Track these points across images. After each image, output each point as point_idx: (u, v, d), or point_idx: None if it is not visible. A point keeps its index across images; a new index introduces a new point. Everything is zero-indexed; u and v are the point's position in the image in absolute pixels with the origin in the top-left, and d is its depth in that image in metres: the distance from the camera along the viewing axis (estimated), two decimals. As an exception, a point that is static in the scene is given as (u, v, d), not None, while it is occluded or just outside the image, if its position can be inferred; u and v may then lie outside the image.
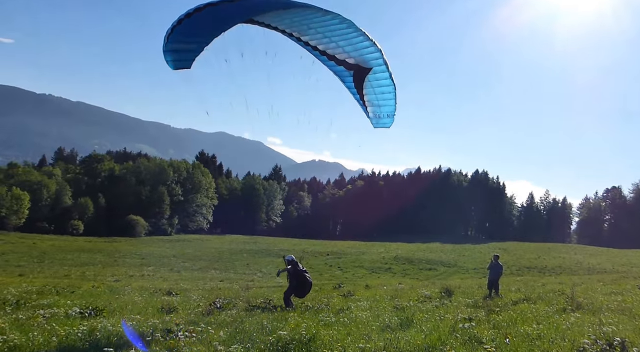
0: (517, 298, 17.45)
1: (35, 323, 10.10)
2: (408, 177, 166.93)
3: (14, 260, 56.39)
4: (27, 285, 23.65)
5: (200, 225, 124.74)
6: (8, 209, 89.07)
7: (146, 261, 62.59)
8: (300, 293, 14.44)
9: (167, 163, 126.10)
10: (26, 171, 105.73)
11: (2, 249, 65.76)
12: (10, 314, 11.50)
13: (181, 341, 8.52)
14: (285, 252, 76.95)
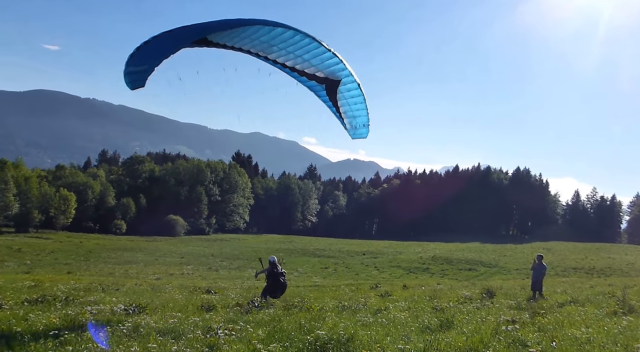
0: (563, 300, 16.86)
1: (83, 319, 10.44)
2: (445, 175, 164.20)
3: (62, 258, 58.72)
4: (75, 282, 24.52)
5: (237, 224, 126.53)
6: (56, 209, 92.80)
7: (185, 259, 63.96)
8: (273, 294, 15.05)
9: (205, 164, 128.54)
10: (72, 173, 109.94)
11: (52, 248, 68.57)
12: (60, 310, 11.94)
13: (221, 339, 8.63)
14: (320, 252, 77.37)
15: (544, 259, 20.04)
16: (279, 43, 9.57)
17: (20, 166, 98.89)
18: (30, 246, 70.54)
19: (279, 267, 15.26)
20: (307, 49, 9.70)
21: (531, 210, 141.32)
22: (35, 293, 15.89)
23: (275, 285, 15.08)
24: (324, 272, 55.40)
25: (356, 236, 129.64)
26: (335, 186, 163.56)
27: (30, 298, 13.78)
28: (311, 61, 9.85)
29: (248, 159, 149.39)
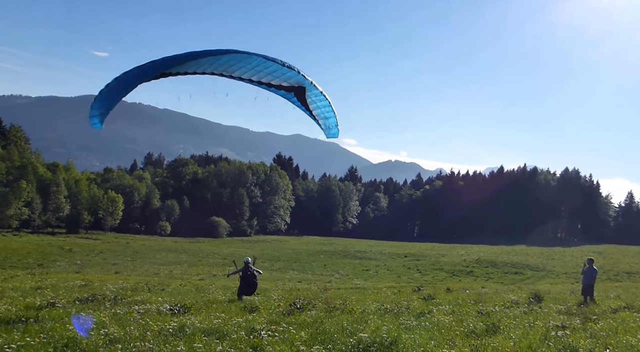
0: (616, 306, 16.09)
1: (131, 318, 10.76)
2: (490, 176, 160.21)
3: (110, 258, 60.94)
4: (123, 282, 25.36)
5: (278, 226, 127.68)
6: (105, 210, 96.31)
7: (228, 261, 65.01)
8: (247, 292, 16.49)
9: (246, 166, 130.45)
10: (120, 175, 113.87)
11: (100, 248, 71.30)
12: (109, 308, 12.36)
13: (264, 340, 8.68)
14: (362, 254, 76.95)
15: (595, 262, 19.18)
16: (242, 65, 10.79)
17: (71, 169, 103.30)
18: (80, 246, 73.57)
19: (251, 268, 16.50)
20: (265, 66, 10.83)
21: (581, 212, 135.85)
22: (86, 292, 16.53)
23: (248, 285, 16.41)
24: (365, 274, 55.11)
25: (397, 238, 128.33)
26: (376, 188, 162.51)
27: (81, 297, 14.34)
28: (273, 75, 11.00)
29: (289, 160, 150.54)
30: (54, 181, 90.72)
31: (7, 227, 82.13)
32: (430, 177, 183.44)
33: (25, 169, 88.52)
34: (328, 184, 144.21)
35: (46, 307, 12.25)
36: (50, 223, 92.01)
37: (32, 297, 14.48)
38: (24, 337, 8.12)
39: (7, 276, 29.63)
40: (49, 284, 20.85)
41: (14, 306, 12.29)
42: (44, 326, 9.27)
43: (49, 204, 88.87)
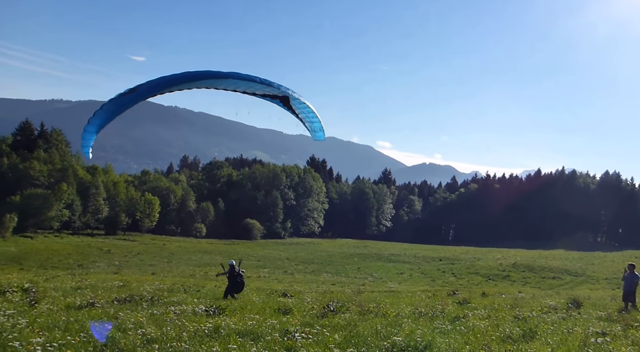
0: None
1: (167, 318, 10.95)
2: (527, 179, 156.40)
3: (147, 259, 62.44)
4: (159, 283, 25.89)
5: (311, 229, 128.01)
6: (142, 212, 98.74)
7: (262, 263, 65.63)
8: (234, 292, 17.78)
9: (280, 168, 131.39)
10: (156, 178, 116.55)
11: (138, 249, 73.15)
12: (147, 309, 12.62)
13: (298, 342, 8.69)
14: (396, 257, 76.29)
15: (637, 268, 18.41)
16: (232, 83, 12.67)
17: (110, 172, 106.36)
18: (119, 247, 75.67)
19: (237, 269, 17.88)
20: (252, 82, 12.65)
21: (622, 216, 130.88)
22: (124, 293, 16.95)
23: (234, 284, 17.82)
24: (399, 277, 54.61)
25: (432, 242, 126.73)
26: (411, 191, 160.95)
27: (119, 297, 14.71)
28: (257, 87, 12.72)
29: (322, 163, 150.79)
30: (93, 183, 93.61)
31: (48, 229, 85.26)
32: (466, 180, 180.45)
33: (66, 172, 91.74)
34: (362, 187, 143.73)
35: (86, 307, 12.61)
36: (90, 225, 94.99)
37: (73, 297, 14.94)
38: (64, 336, 8.37)
39: (49, 276, 30.72)
40: (89, 285, 21.50)
41: (56, 306, 12.71)
42: (84, 325, 9.55)
43: (88, 206, 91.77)
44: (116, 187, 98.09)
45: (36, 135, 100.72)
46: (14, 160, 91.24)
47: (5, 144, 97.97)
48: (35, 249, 66.03)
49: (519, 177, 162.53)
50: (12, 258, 55.48)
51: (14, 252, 60.02)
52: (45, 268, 48.06)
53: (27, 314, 10.84)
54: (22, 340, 7.77)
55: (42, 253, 61.62)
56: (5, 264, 50.01)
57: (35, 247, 67.84)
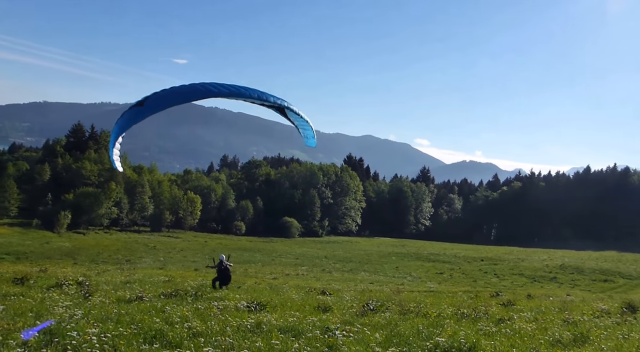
0: None
1: (211, 313, 11.21)
2: (574, 177, 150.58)
3: (190, 256, 64.02)
4: (202, 279, 26.51)
5: (349, 227, 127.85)
6: (184, 210, 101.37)
7: (300, 261, 66.11)
8: (222, 283, 19.35)
9: (317, 167, 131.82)
10: (198, 177, 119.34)
11: (181, 246, 75.12)
12: (191, 304, 12.95)
13: (339, 340, 8.70)
14: (435, 257, 75.24)
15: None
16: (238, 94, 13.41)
17: (154, 171, 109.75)
18: (163, 244, 77.94)
19: (224, 263, 19.41)
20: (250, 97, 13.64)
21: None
22: (170, 287, 17.46)
23: (223, 276, 19.43)
24: (439, 277, 53.84)
25: (473, 241, 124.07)
26: (450, 189, 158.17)
27: (165, 292, 15.15)
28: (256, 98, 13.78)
29: (359, 161, 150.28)
30: (140, 182, 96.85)
31: (99, 225, 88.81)
32: (508, 178, 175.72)
33: (114, 172, 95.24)
34: (399, 185, 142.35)
35: (135, 300, 13.06)
36: (136, 222, 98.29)
37: (123, 291, 15.51)
38: (117, 327, 8.71)
39: (100, 271, 32.00)
40: (137, 279, 22.24)
41: (107, 299, 13.23)
42: (134, 317, 9.90)
43: (135, 204, 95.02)
44: (160, 186, 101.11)
45: (87, 136, 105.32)
46: (68, 160, 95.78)
47: (59, 146, 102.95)
48: (87, 244, 68.89)
49: (566, 175, 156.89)
50: (66, 253, 58.10)
51: (68, 248, 62.84)
52: (97, 263, 50.08)
53: (82, 306, 11.34)
54: (79, 330, 8.14)
55: (93, 248, 64.22)
56: (60, 258, 52.48)
57: (87, 242, 70.78)
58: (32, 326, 8.49)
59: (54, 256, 54.02)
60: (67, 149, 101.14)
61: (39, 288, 15.19)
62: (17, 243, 61.42)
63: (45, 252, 56.66)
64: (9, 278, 17.62)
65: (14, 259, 48.63)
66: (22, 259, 49.53)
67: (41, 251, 57.78)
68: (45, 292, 14.19)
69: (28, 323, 8.71)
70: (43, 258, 50.84)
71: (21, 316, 9.61)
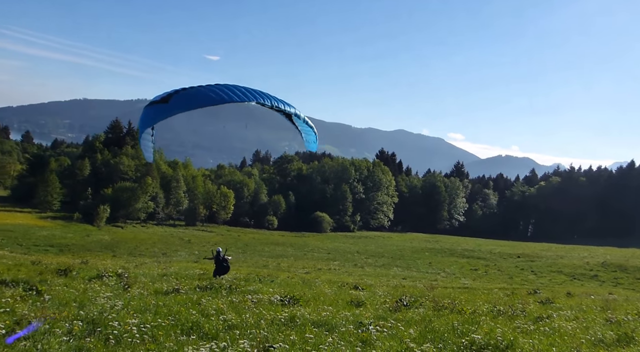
0: None
1: (245, 306, 11.36)
2: (617, 172, 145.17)
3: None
4: (236, 272, 26.89)
5: (381, 222, 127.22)
6: (218, 205, 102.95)
7: (332, 255, 66.23)
8: (219, 274, 20.45)
9: (349, 162, 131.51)
10: (231, 172, 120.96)
11: (215, 240, 76.35)
12: (226, 297, 13.15)
13: (373, 335, 8.68)
14: (469, 253, 74.10)
15: None
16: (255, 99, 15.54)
17: (189, 166, 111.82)
18: (198, 237, 79.45)
19: (221, 255, 20.83)
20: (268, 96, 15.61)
21: None
22: (204, 280, 17.78)
23: (220, 268, 20.67)
24: (474, 274, 52.98)
25: (509, 237, 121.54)
26: (485, 184, 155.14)
27: (200, 285, 15.44)
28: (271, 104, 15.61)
29: (392, 156, 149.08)
30: (175, 177, 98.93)
31: (136, 219, 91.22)
32: (546, 172, 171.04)
33: (150, 166, 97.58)
34: (432, 180, 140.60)
35: (172, 292, 13.36)
36: (172, 216, 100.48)
37: (160, 283, 15.89)
38: (155, 318, 8.93)
39: (138, 263, 32.88)
40: (173, 272, 22.75)
41: (146, 290, 13.59)
42: (171, 309, 10.13)
43: (170, 198, 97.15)
44: (195, 180, 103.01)
45: (125, 133, 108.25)
46: (106, 156, 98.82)
47: (98, 142, 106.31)
48: (125, 237, 70.92)
49: (608, 170, 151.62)
50: (105, 246, 59.97)
51: (108, 241, 64.86)
52: (134, 255, 51.50)
53: (122, 297, 11.69)
54: (120, 320, 8.41)
55: (131, 242, 66.06)
56: (100, 251, 54.24)
57: (125, 236, 72.85)
58: (76, 316, 8.81)
59: (94, 249, 55.86)
60: (105, 144, 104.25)
61: (81, 279, 15.74)
62: (60, 236, 63.75)
63: (86, 245, 58.62)
64: (53, 269, 18.32)
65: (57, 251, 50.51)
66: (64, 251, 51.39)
67: (82, 243, 59.80)
68: (87, 283, 14.69)
69: (72, 313, 9.04)
70: (84, 250, 52.62)
71: (65, 305, 9.98)
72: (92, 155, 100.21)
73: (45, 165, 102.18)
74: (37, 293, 11.25)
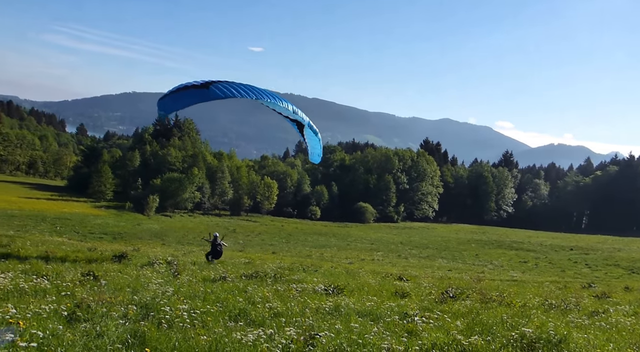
0: None
1: (290, 295, 11.49)
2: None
3: (268, 239, 66.03)
4: (280, 262, 27.24)
5: (425, 213, 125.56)
6: (262, 195, 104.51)
7: (375, 246, 65.97)
8: (213, 257, 21.68)
9: (392, 152, 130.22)
10: (274, 163, 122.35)
11: (259, 230, 77.63)
12: (271, 285, 13.35)
13: (419, 326, 8.58)
14: (518, 245, 72.17)
15: None
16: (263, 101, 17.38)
17: (233, 157, 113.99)
18: (242, 227, 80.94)
19: (218, 240, 21.96)
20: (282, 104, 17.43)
21: None
22: (250, 269, 18.10)
23: (214, 252, 21.75)
24: (523, 266, 51.51)
25: (561, 229, 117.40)
26: (536, 174, 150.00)
27: (246, 273, 15.73)
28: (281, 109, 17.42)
29: (437, 146, 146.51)
30: (220, 167, 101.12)
31: (183, 209, 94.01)
32: (603, 161, 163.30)
33: (197, 158, 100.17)
34: (479, 170, 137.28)
35: (219, 280, 13.69)
36: (217, 206, 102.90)
37: (207, 271, 16.31)
38: (205, 305, 9.19)
39: (186, 252, 33.88)
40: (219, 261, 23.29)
41: (194, 278, 13.98)
42: (219, 296, 10.38)
43: (215, 188, 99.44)
44: (239, 171, 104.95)
45: (172, 125, 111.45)
46: (155, 147, 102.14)
47: (147, 134, 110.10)
48: (174, 226, 73.22)
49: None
50: (155, 234, 62.12)
51: (157, 229, 67.18)
52: (182, 244, 53.10)
53: (172, 283, 12.09)
54: (171, 306, 8.72)
55: (179, 230, 68.13)
56: (150, 239, 56.25)
57: (173, 225, 75.24)
58: (130, 300, 9.18)
59: (144, 237, 57.96)
60: (154, 136, 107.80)
61: (133, 266, 16.39)
62: (113, 224, 66.56)
63: (137, 233, 60.90)
64: (108, 256, 19.16)
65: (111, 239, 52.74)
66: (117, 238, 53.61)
67: (133, 231, 62.17)
68: (139, 269, 15.27)
69: (127, 297, 9.43)
70: (135, 238, 54.70)
71: (120, 290, 10.42)
72: (142, 147, 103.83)
73: (98, 157, 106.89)
74: (94, 278, 11.79)
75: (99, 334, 6.67)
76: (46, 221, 59.82)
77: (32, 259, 15.76)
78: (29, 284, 9.95)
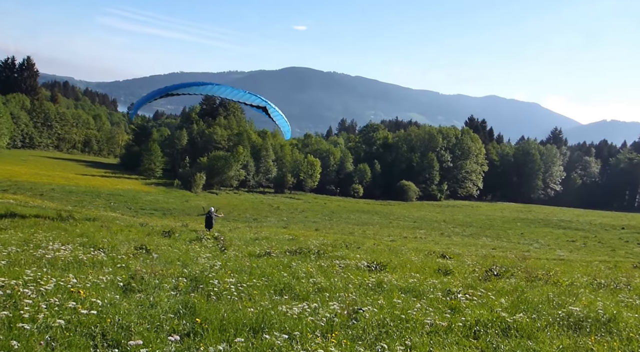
0: None
1: (333, 271, 11.70)
2: None
3: (311, 216, 66.72)
4: (323, 238, 27.60)
5: (469, 191, 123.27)
6: (305, 173, 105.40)
7: (418, 224, 65.49)
8: (208, 227, 25.19)
9: (436, 130, 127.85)
10: (317, 141, 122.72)
11: (302, 207, 78.49)
12: (314, 261, 13.63)
13: (462, 303, 8.61)
14: (566, 224, 70.04)
15: None
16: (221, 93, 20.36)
17: (277, 135, 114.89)
18: (286, 204, 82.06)
19: (212, 214, 25.63)
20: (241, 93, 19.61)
21: None
22: (294, 245, 18.47)
23: (208, 223, 25.36)
24: (571, 245, 49.99)
25: (612, 208, 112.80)
26: (586, 151, 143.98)
27: (290, 249, 16.08)
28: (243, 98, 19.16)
29: (482, 123, 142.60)
30: (264, 146, 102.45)
31: (229, 186, 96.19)
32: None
33: (241, 136, 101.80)
34: (526, 148, 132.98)
35: (264, 255, 14.10)
36: (261, 183, 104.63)
37: (252, 247, 16.79)
38: (251, 279, 9.54)
39: (232, 228, 34.82)
40: (264, 237, 23.86)
41: (240, 253, 14.46)
42: (264, 271, 10.73)
43: (260, 166, 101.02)
44: (283, 149, 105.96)
45: (217, 104, 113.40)
46: (201, 126, 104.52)
47: (194, 113, 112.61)
48: (220, 203, 75.02)
49: None
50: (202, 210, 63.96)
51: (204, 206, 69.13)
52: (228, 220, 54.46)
53: (219, 258, 12.55)
54: (219, 279, 9.10)
55: (225, 207, 69.71)
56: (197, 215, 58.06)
57: (219, 201, 77.10)
58: (180, 273, 9.65)
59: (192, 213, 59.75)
60: (201, 115, 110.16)
61: (182, 241, 17.07)
62: (163, 201, 68.96)
63: (185, 210, 62.88)
64: (159, 231, 20.02)
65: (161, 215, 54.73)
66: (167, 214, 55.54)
67: (182, 208, 64.23)
68: (188, 244, 15.90)
69: (177, 270, 9.90)
70: (183, 214, 56.51)
71: (171, 264, 10.94)
72: (189, 126, 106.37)
73: (148, 136, 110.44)
74: (147, 252, 12.40)
75: (152, 304, 7.06)
76: (101, 197, 62.62)
77: (90, 233, 16.68)
78: (87, 256, 10.58)
